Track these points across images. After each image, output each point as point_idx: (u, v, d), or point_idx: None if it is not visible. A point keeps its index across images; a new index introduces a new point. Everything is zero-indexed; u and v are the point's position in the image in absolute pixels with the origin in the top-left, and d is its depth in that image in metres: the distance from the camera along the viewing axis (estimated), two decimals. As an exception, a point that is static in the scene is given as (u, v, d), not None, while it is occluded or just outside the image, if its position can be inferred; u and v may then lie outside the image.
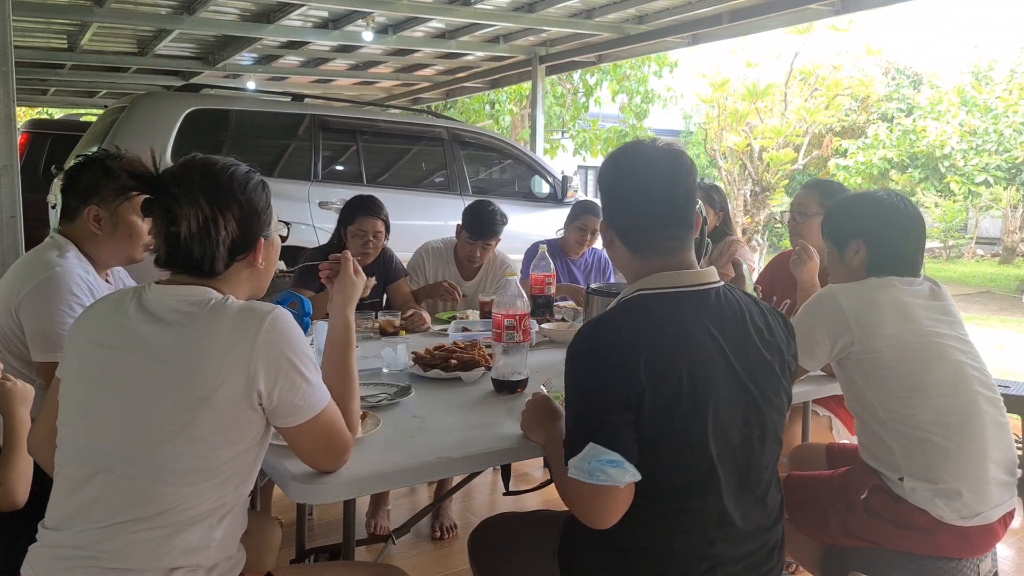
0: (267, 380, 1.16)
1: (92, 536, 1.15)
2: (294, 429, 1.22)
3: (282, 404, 1.19)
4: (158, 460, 1.14)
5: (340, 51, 7.61)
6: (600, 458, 1.18)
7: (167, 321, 1.19)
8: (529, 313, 1.92)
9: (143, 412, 1.16)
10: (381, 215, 2.99)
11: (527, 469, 3.29)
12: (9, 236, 4.05)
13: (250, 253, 1.28)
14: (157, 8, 5.98)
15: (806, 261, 2.27)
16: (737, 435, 1.26)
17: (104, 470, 1.16)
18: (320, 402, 1.23)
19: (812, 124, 12.33)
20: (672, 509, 1.24)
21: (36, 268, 1.78)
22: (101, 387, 1.20)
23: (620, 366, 1.20)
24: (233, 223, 1.24)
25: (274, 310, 1.20)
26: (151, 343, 1.18)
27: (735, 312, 1.31)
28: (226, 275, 1.27)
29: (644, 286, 1.32)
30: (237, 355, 1.15)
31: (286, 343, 1.19)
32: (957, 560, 1.62)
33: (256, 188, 1.29)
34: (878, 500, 1.67)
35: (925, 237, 1.85)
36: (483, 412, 1.76)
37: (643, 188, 1.34)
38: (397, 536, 2.36)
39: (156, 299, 1.22)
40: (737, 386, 1.26)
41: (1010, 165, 12.32)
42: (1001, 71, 13.68)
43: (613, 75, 11.09)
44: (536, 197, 5.58)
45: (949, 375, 1.66)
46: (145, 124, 4.33)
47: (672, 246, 1.33)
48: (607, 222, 1.40)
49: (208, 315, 1.19)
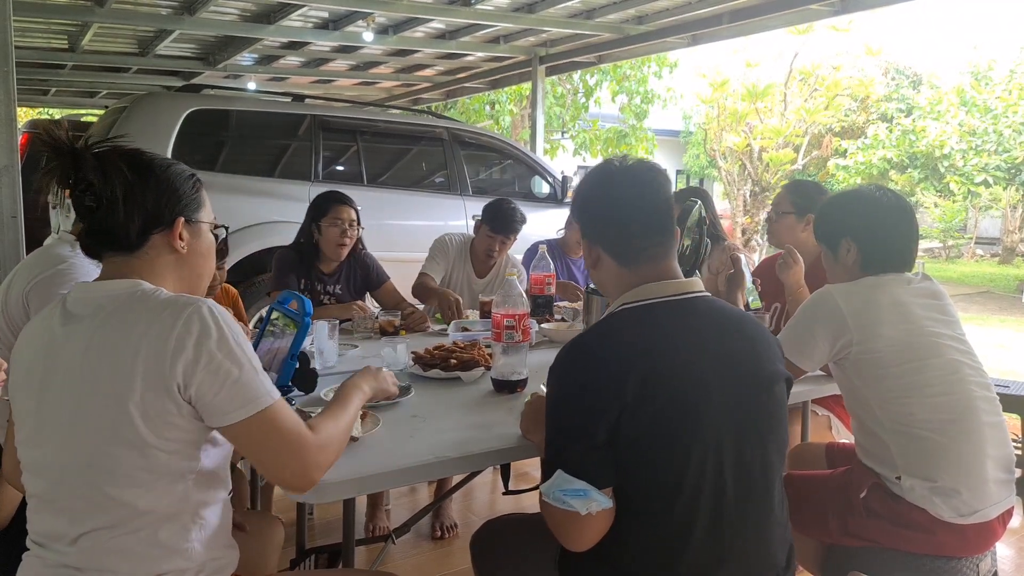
0: (184, 371, 1.11)
1: (69, 553, 1.14)
2: (233, 429, 1.14)
3: (206, 399, 1.12)
4: (101, 464, 1.12)
5: (340, 51, 7.62)
6: (565, 488, 1.18)
7: (84, 318, 1.17)
8: (529, 313, 1.93)
9: (78, 418, 1.14)
10: (353, 204, 3.01)
11: (527, 468, 3.30)
12: (10, 236, 4.05)
13: (165, 229, 1.24)
14: (157, 8, 5.99)
15: (791, 265, 2.29)
16: (732, 447, 1.23)
17: (57, 482, 1.15)
18: (258, 399, 1.14)
19: (812, 124, 12.33)
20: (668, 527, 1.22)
21: (49, 260, 1.84)
22: (41, 399, 1.18)
23: (595, 389, 1.20)
24: (150, 194, 1.22)
25: (198, 301, 1.15)
26: (72, 345, 1.15)
27: (722, 318, 1.33)
28: (146, 252, 1.23)
29: (628, 299, 1.32)
30: (155, 346, 1.11)
31: (205, 333, 1.12)
32: (957, 559, 1.62)
33: (180, 173, 1.28)
34: (877, 499, 1.67)
35: (916, 228, 1.85)
36: (483, 412, 1.76)
37: (628, 200, 1.36)
38: (397, 535, 2.37)
39: (78, 298, 1.20)
40: (729, 396, 1.24)
41: (1009, 165, 12.33)
42: (1000, 71, 13.68)
43: (613, 75, 11.10)
44: (536, 197, 5.58)
45: (946, 374, 1.66)
46: (146, 124, 4.33)
47: (659, 252, 1.35)
48: (592, 242, 1.40)
49: (128, 305, 1.16)
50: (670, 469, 1.20)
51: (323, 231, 2.95)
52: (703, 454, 1.21)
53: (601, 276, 1.41)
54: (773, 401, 1.31)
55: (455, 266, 3.32)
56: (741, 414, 1.26)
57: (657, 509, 1.22)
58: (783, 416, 1.34)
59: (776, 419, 1.32)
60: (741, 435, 1.25)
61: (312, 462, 1.18)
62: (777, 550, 1.32)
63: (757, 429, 1.28)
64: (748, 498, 1.25)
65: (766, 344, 1.35)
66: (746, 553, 1.26)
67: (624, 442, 1.19)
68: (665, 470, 1.20)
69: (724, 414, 1.23)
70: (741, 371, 1.28)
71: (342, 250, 2.96)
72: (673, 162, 18.82)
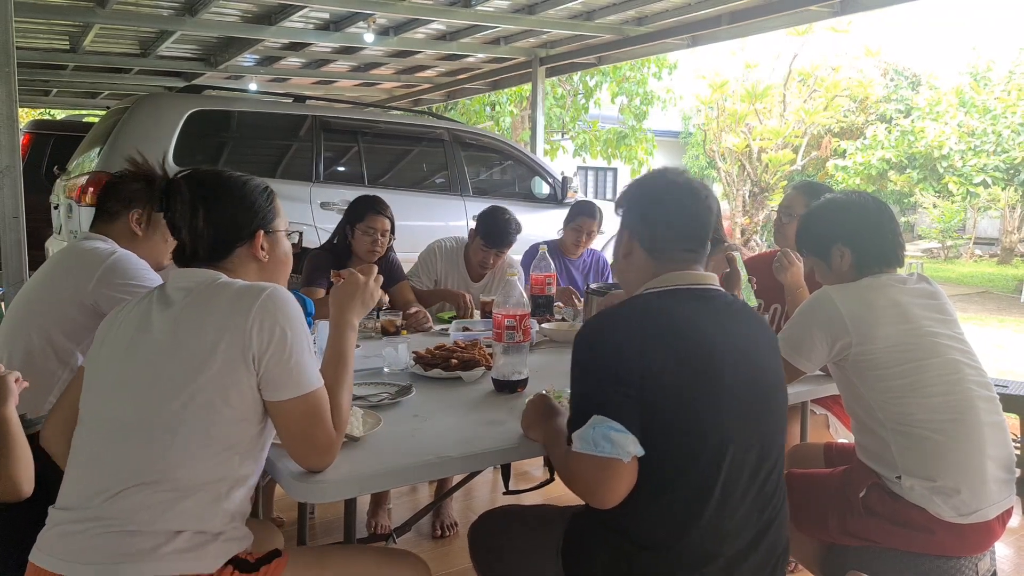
0: (259, 343, 1.23)
1: (101, 506, 1.20)
2: (280, 404, 1.26)
3: (271, 372, 1.24)
4: (162, 421, 1.21)
5: (341, 53, 7.63)
6: (605, 426, 1.21)
7: (176, 299, 1.31)
8: (529, 313, 1.94)
9: (153, 379, 1.24)
10: (388, 214, 3.02)
11: (527, 468, 3.30)
12: (12, 236, 4.06)
13: (248, 242, 1.38)
14: (159, 9, 5.99)
15: (787, 267, 2.26)
16: (746, 427, 1.30)
17: (118, 438, 1.24)
18: (309, 383, 1.27)
19: (811, 125, 12.36)
20: (680, 502, 1.26)
21: (96, 257, 1.88)
22: (125, 362, 1.29)
23: (624, 348, 1.26)
24: (229, 211, 1.37)
25: (274, 286, 1.30)
26: (163, 322, 1.29)
27: (735, 308, 1.43)
28: (232, 262, 1.38)
29: (652, 285, 1.41)
30: (235, 320, 1.24)
31: (282, 313, 1.26)
32: (956, 559, 1.63)
33: (255, 188, 1.42)
34: (876, 498, 1.68)
35: (898, 223, 1.88)
36: (484, 411, 1.77)
37: (676, 203, 1.44)
38: (398, 535, 2.37)
39: (173, 286, 1.34)
40: (745, 377, 1.32)
41: (1008, 166, 12.33)
42: (999, 72, 13.69)
43: (613, 77, 11.11)
44: (536, 198, 5.60)
45: (945, 373, 1.67)
46: (147, 125, 4.34)
47: (688, 257, 1.44)
48: (632, 234, 1.47)
49: (212, 289, 1.30)
50: (687, 441, 1.25)
51: (356, 236, 2.98)
52: (720, 429, 1.27)
53: (628, 266, 1.48)
54: (781, 390, 1.42)
55: (448, 271, 3.31)
56: (755, 396, 1.33)
57: (671, 480, 1.25)
58: (786, 404, 1.45)
59: (783, 406, 1.43)
60: (755, 415, 1.32)
61: (337, 443, 1.31)
62: (779, 534, 1.37)
63: (770, 411, 1.36)
64: (756, 476, 1.30)
65: (774, 338, 1.48)
66: (751, 531, 1.30)
67: (646, 408, 1.23)
68: (682, 441, 1.25)
69: (740, 394, 1.30)
70: (756, 356, 1.37)
71: (372, 256, 2.97)
72: (672, 163, 18.80)
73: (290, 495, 1.36)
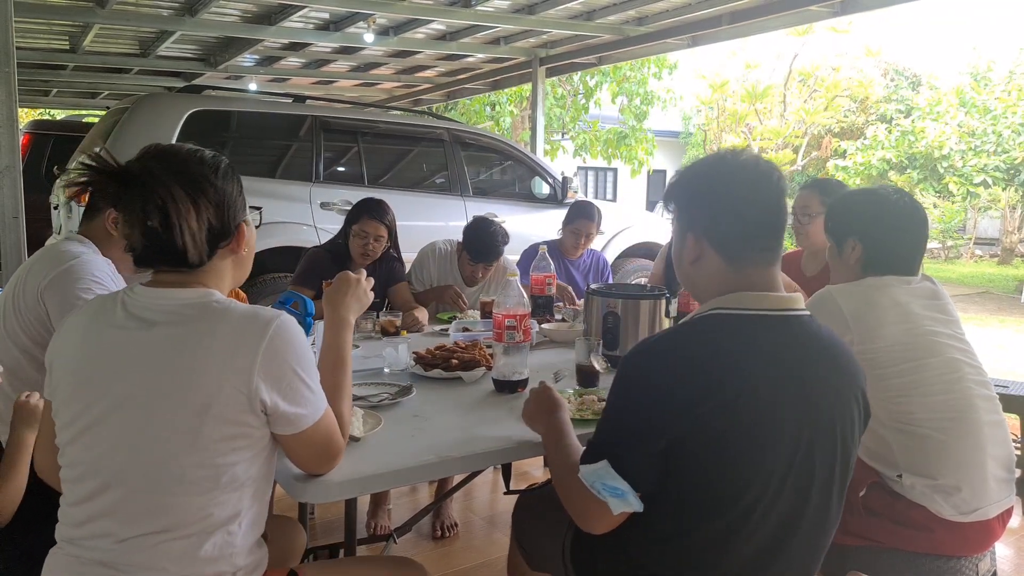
0: (270, 390, 1.14)
1: (112, 551, 1.13)
2: (293, 437, 1.20)
3: (285, 414, 1.16)
4: (168, 471, 1.12)
5: (341, 53, 7.63)
6: (605, 481, 1.16)
7: (161, 325, 1.15)
8: (529, 313, 1.94)
9: (147, 424, 1.12)
10: (385, 220, 3.01)
11: (527, 468, 3.31)
12: (12, 236, 4.07)
13: (232, 240, 1.24)
14: (159, 9, 6.00)
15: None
16: (794, 482, 1.18)
17: (115, 485, 1.14)
18: (319, 409, 1.22)
19: (811, 125, 12.37)
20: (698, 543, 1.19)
21: (60, 257, 1.85)
22: (98, 402, 1.14)
23: (665, 399, 1.14)
24: (211, 209, 1.19)
25: (279, 317, 1.17)
26: (146, 351, 1.14)
27: (813, 344, 1.23)
28: (211, 265, 1.22)
29: (722, 305, 1.23)
30: (240, 362, 1.12)
31: (291, 352, 1.16)
32: (956, 559, 1.63)
33: (227, 173, 1.23)
34: (876, 497, 1.68)
35: (926, 236, 1.84)
36: (484, 412, 1.77)
37: (747, 190, 1.24)
38: (398, 535, 2.37)
39: (145, 302, 1.18)
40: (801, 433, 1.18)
41: (1008, 166, 12.34)
42: (1000, 72, 13.69)
43: (613, 77, 11.12)
44: (536, 198, 5.59)
45: (945, 372, 1.67)
46: (147, 125, 4.34)
47: (767, 256, 1.25)
48: (698, 235, 1.27)
49: (207, 318, 1.15)
50: (722, 495, 1.16)
51: (351, 238, 3.00)
52: (760, 489, 1.16)
53: (699, 272, 1.29)
54: (845, 442, 1.23)
55: (442, 276, 3.30)
56: (810, 452, 1.19)
57: (697, 524, 1.19)
58: (852, 455, 1.27)
59: (844, 462, 1.25)
60: (805, 473, 1.19)
61: (343, 449, 1.30)
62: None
63: (825, 467, 1.21)
64: (793, 535, 1.21)
65: (851, 376, 1.26)
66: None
67: (683, 453, 1.15)
68: (716, 494, 1.17)
69: (791, 450, 1.17)
70: (820, 407, 1.20)
71: (364, 260, 2.98)
72: (673, 163, 18.82)
73: (290, 495, 1.36)
